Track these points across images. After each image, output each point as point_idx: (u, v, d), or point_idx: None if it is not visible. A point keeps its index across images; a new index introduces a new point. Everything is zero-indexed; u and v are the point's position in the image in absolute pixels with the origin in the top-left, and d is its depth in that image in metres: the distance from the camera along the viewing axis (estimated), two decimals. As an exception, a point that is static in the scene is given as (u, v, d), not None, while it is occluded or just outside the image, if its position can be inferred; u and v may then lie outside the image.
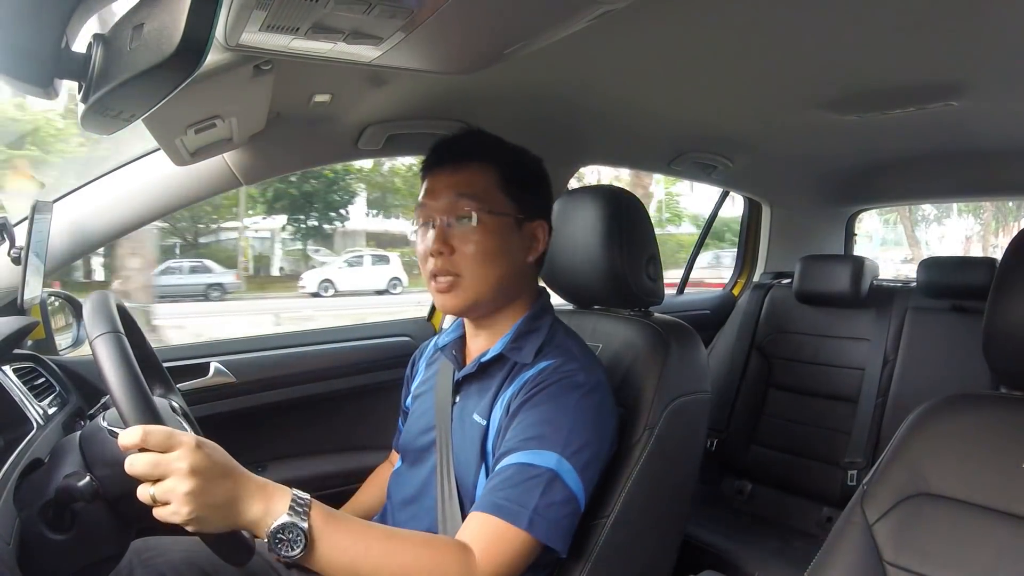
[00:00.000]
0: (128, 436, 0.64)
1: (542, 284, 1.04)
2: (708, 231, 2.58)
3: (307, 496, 0.70)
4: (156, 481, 0.64)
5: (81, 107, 0.57)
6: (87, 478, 0.74)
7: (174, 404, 0.92)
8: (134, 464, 0.64)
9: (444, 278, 0.91)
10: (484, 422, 0.91)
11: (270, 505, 0.68)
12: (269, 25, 0.69)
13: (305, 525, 0.67)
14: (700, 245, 2.54)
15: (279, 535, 0.67)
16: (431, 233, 0.91)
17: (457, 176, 0.92)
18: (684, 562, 1.09)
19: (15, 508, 0.73)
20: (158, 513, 0.65)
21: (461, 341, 1.02)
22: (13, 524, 0.72)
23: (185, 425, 0.86)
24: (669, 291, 1.68)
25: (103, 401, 0.89)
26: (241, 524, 0.67)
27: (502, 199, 0.92)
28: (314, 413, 1.50)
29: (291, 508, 0.68)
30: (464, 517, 0.88)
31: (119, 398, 0.65)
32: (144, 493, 0.64)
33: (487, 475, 0.88)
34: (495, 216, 0.90)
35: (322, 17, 0.67)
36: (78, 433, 0.82)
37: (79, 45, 0.54)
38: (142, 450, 0.64)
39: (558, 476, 0.80)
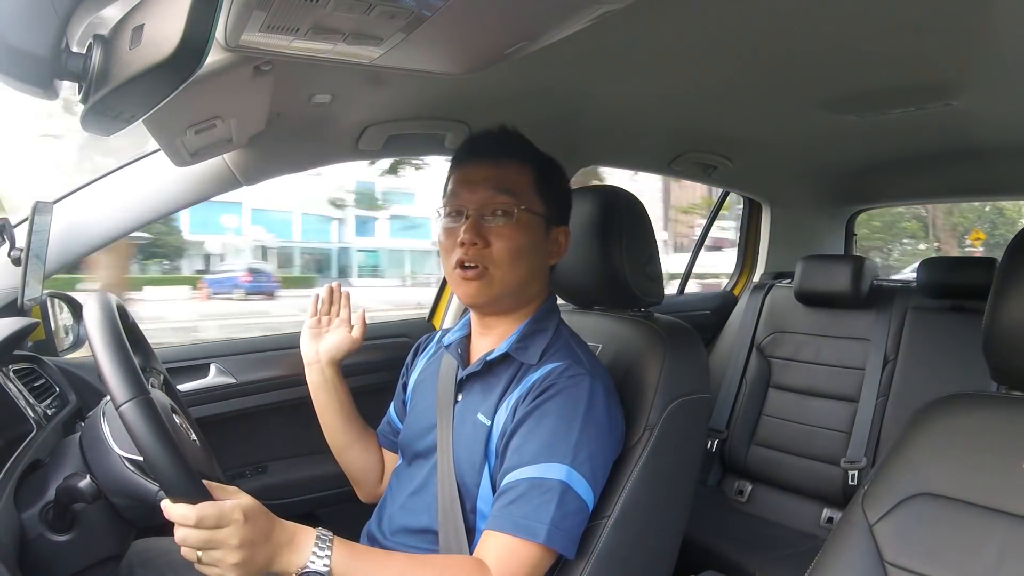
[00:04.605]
0: (179, 517, 0.67)
1: None
2: (708, 231, 2.58)
3: (329, 534, 0.75)
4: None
5: (81, 108, 0.57)
6: (87, 479, 0.74)
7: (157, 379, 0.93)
8: (187, 540, 0.67)
9: (473, 268, 0.90)
10: (488, 422, 0.90)
11: (296, 556, 0.73)
12: (269, 26, 0.68)
13: (326, 569, 0.73)
14: (700, 245, 2.54)
15: None
16: (464, 223, 0.90)
17: (497, 170, 0.92)
18: (684, 562, 1.09)
19: (16, 509, 0.73)
20: (200, 569, 0.69)
21: (466, 340, 1.02)
22: (14, 525, 0.72)
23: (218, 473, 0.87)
24: (669, 291, 1.68)
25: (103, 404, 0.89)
26: (272, 571, 0.73)
27: (536, 200, 0.93)
28: (314, 413, 1.49)
29: (314, 553, 0.73)
30: (464, 515, 0.89)
31: (162, 473, 0.66)
32: (191, 555, 0.68)
33: (490, 475, 0.89)
34: (530, 214, 0.92)
35: (322, 18, 0.67)
36: (78, 434, 0.82)
37: (79, 45, 0.54)
38: None
39: (570, 487, 0.81)
